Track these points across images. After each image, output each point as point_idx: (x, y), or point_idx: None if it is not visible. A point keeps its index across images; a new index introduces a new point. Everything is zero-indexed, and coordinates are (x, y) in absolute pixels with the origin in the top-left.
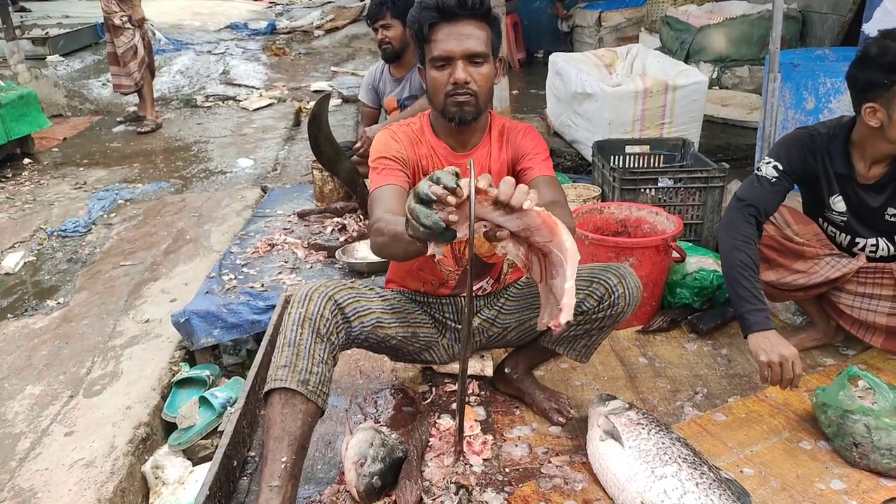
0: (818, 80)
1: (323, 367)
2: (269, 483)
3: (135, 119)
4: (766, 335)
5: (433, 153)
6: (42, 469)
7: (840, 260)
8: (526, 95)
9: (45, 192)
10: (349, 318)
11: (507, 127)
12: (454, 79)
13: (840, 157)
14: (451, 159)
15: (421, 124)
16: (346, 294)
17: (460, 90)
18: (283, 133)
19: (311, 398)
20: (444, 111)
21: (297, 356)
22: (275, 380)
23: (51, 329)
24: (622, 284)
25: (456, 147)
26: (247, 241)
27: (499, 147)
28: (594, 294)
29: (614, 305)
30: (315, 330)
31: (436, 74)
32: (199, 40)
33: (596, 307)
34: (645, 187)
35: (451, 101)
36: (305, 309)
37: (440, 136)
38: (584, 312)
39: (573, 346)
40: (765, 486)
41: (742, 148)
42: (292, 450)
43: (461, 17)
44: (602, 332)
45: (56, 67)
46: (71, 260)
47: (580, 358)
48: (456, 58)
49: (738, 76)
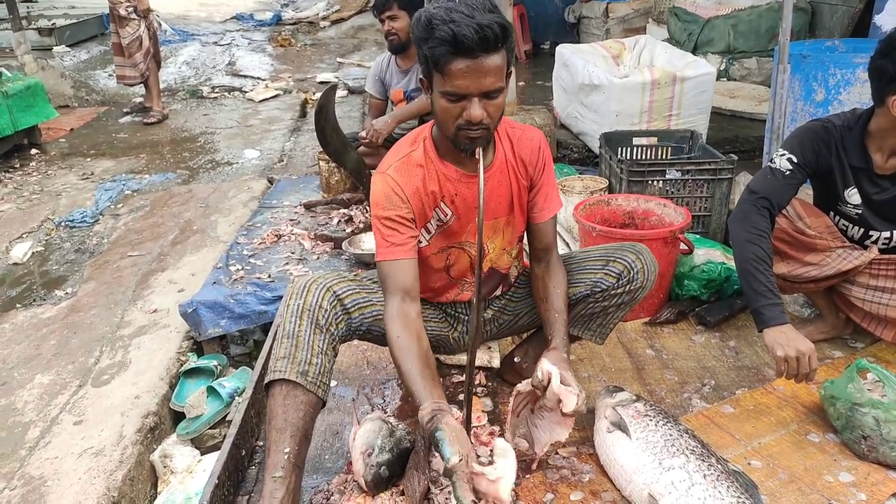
0: (828, 71)
1: (322, 357)
2: (273, 474)
3: (141, 110)
4: (783, 329)
5: (443, 179)
6: (51, 457)
7: (852, 252)
8: (532, 87)
9: (52, 183)
10: (349, 309)
11: (516, 134)
12: (469, 117)
13: (856, 150)
14: (465, 180)
15: (423, 150)
16: (345, 286)
17: (474, 126)
18: (289, 124)
19: (311, 389)
20: (455, 141)
21: (296, 347)
22: (274, 371)
23: (59, 319)
24: (640, 260)
25: (467, 166)
26: (254, 232)
27: (513, 157)
28: (612, 272)
29: (633, 281)
30: (314, 321)
31: (446, 105)
32: (205, 31)
33: (615, 284)
34: (652, 179)
35: (463, 135)
36: (304, 300)
37: (446, 158)
38: (604, 290)
39: (589, 325)
40: (773, 478)
41: (750, 140)
42: (295, 440)
43: (480, 52)
44: (619, 309)
45: (63, 58)
46: (79, 250)
47: (595, 338)
48: (472, 95)
49: (746, 68)
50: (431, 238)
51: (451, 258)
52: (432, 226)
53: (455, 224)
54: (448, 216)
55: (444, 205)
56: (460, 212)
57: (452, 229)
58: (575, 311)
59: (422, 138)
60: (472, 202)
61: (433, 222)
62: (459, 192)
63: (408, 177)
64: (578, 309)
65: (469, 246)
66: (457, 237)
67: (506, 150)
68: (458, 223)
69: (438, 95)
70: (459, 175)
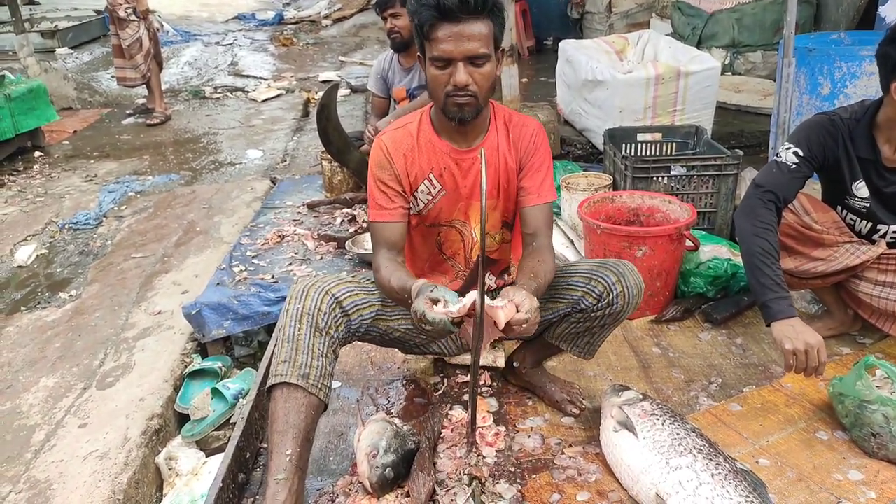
0: (833, 64)
1: (323, 360)
2: (276, 476)
3: (144, 111)
4: (791, 323)
5: (435, 152)
6: (57, 461)
7: (860, 247)
8: (535, 83)
9: (55, 185)
10: (348, 311)
11: (513, 121)
12: (454, 81)
13: (864, 141)
14: (455, 156)
15: (420, 123)
16: (343, 288)
17: (460, 92)
18: (291, 124)
19: (313, 391)
20: (445, 110)
21: (297, 351)
22: (275, 375)
23: (63, 321)
24: (620, 283)
25: (460, 143)
26: (257, 233)
27: (506, 142)
28: (592, 292)
29: (613, 304)
30: (313, 324)
31: (436, 73)
32: (206, 31)
33: (595, 305)
34: (657, 175)
35: (451, 101)
36: (302, 304)
37: (441, 134)
38: (584, 310)
39: (576, 342)
40: (781, 476)
41: (755, 134)
42: (297, 442)
43: (463, 16)
44: (604, 329)
45: (65, 60)
46: (83, 252)
47: (584, 355)
48: (456, 60)
49: (750, 62)
50: (422, 210)
51: (442, 236)
52: (422, 197)
53: (444, 200)
54: (437, 189)
55: (434, 178)
56: (449, 188)
57: (442, 206)
58: (561, 328)
59: (421, 113)
60: (460, 179)
61: (422, 195)
62: (448, 166)
63: (399, 143)
64: (564, 327)
65: (460, 224)
66: (447, 215)
67: (500, 135)
68: (447, 199)
69: (429, 64)
70: (450, 150)
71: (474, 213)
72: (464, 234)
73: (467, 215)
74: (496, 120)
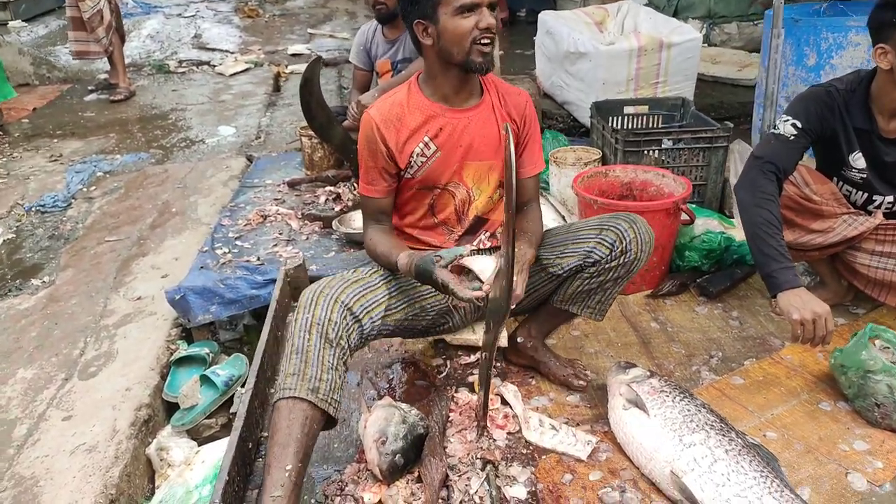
0: (820, 35)
1: (333, 373)
2: (272, 493)
3: (107, 87)
4: (797, 293)
5: (428, 114)
6: (42, 456)
7: (857, 218)
8: (511, 56)
9: (18, 166)
10: (359, 316)
11: (505, 89)
12: (485, 23)
13: (859, 112)
14: (450, 115)
15: (409, 92)
16: (351, 290)
17: (488, 35)
18: (262, 99)
19: (321, 406)
20: (468, 61)
21: (306, 363)
22: (284, 388)
23: (38, 309)
24: (633, 229)
25: (454, 103)
26: (238, 213)
27: (503, 110)
28: (605, 241)
29: (627, 252)
30: (324, 335)
31: (461, 22)
32: (168, 2)
33: (608, 255)
34: (648, 149)
35: (478, 48)
36: (312, 314)
37: (433, 98)
38: (597, 262)
39: (587, 302)
40: (789, 449)
41: (735, 106)
42: (297, 458)
43: None
44: (616, 283)
45: (19, 33)
46: (52, 236)
47: (594, 315)
48: (483, 4)
49: (726, 33)
50: (416, 174)
51: (435, 198)
52: (416, 160)
53: (439, 161)
54: (432, 151)
55: (430, 140)
56: (444, 148)
57: (437, 168)
58: (572, 287)
59: (408, 83)
60: (456, 138)
61: (417, 158)
62: (444, 126)
63: (387, 113)
64: (576, 285)
65: (454, 186)
66: (442, 178)
67: (492, 96)
68: (442, 160)
69: (450, 17)
70: (444, 110)
71: (469, 172)
72: (457, 195)
73: (461, 176)
74: (486, 84)
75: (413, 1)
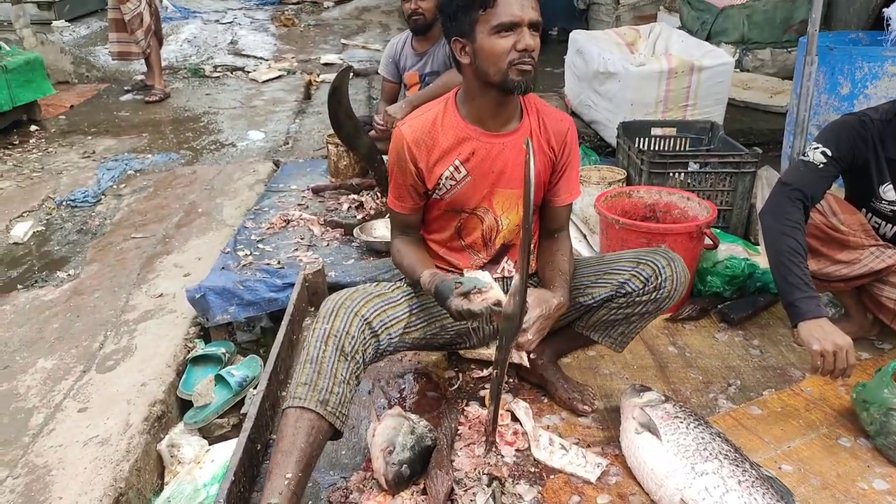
0: (854, 64)
1: (344, 386)
2: (269, 500)
3: (143, 88)
4: (819, 323)
5: (462, 137)
6: (56, 445)
7: (885, 251)
8: (541, 74)
9: (52, 161)
10: (377, 331)
11: (546, 112)
12: (523, 45)
13: (894, 142)
14: (485, 140)
15: (445, 110)
16: (372, 306)
17: (527, 57)
18: (293, 106)
19: (329, 418)
20: (506, 81)
21: (319, 374)
22: (294, 397)
23: (62, 301)
24: (670, 267)
25: (490, 127)
26: (261, 217)
27: (544, 134)
28: (640, 275)
29: (660, 289)
30: (339, 348)
31: (497, 41)
32: (206, 9)
33: (641, 289)
34: (674, 171)
35: (516, 69)
36: (331, 325)
37: (469, 119)
38: (628, 294)
39: (609, 332)
40: (805, 483)
41: (765, 132)
42: (299, 467)
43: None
44: (643, 318)
45: (62, 33)
46: (81, 231)
47: (615, 346)
48: (523, 24)
49: (759, 59)
50: (444, 196)
51: (463, 222)
52: (445, 183)
53: (468, 186)
54: (462, 175)
55: (460, 163)
56: (475, 173)
57: (466, 192)
58: (598, 315)
59: (446, 99)
60: (488, 164)
61: (446, 181)
62: (476, 150)
63: (419, 131)
64: (601, 314)
65: (483, 212)
66: (470, 202)
67: (532, 121)
68: (471, 185)
69: (487, 36)
70: (478, 134)
71: (499, 200)
72: (485, 221)
73: (491, 202)
74: (527, 107)
75: (452, 17)
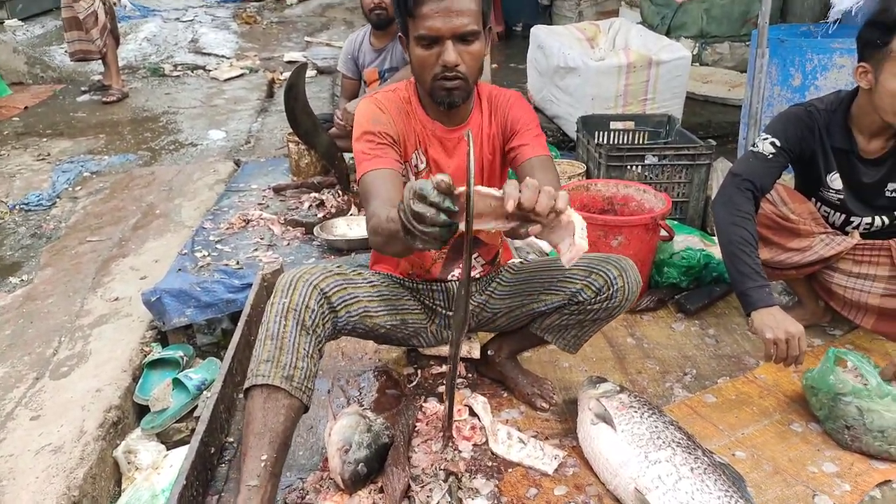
0: (805, 56)
1: (308, 361)
2: (248, 483)
3: (100, 88)
4: (771, 311)
5: (423, 127)
6: (6, 455)
7: (834, 238)
8: (505, 69)
9: (5, 164)
10: (335, 307)
11: (493, 94)
12: (443, 61)
13: (839, 132)
14: (441, 135)
15: (408, 94)
16: (332, 281)
17: (449, 73)
18: (255, 104)
19: (296, 394)
20: (433, 94)
21: (281, 350)
22: (257, 375)
23: (14, 308)
24: (622, 278)
25: (446, 122)
26: (220, 217)
27: (488, 118)
28: (592, 285)
29: (612, 298)
30: (300, 321)
31: (421, 53)
32: (166, 7)
33: (593, 298)
34: (631, 164)
35: (440, 85)
36: (289, 299)
37: (428, 111)
38: (580, 303)
39: (563, 335)
40: (757, 469)
41: (723, 125)
42: (273, 447)
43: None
44: (595, 324)
45: (15, 32)
46: (34, 235)
47: (569, 348)
48: (445, 37)
49: (718, 53)
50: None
51: None
52: (411, 168)
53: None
54: (423, 165)
55: (420, 153)
56: (431, 165)
57: None
58: (550, 319)
59: (407, 86)
60: (443, 160)
61: (412, 165)
62: (434, 145)
63: (394, 102)
64: (554, 318)
65: None
66: None
67: (483, 117)
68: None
69: (414, 44)
70: (436, 128)
71: None
72: None
73: None
74: (480, 98)
75: (397, 10)
